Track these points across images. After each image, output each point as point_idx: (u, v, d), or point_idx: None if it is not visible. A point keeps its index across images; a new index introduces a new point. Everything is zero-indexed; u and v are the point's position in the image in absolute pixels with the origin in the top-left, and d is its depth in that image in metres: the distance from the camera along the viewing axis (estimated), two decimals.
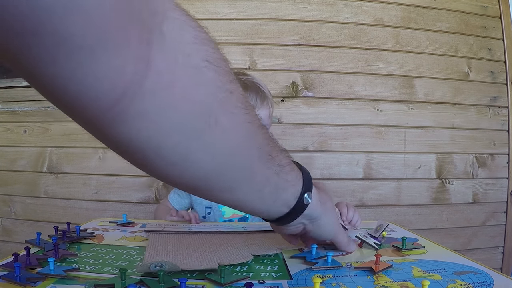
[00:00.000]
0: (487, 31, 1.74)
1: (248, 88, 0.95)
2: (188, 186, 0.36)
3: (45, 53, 0.20)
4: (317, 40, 1.63)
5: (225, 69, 0.32)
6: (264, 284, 0.47)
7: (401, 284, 0.46)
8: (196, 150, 0.31)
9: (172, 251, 0.59)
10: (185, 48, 0.28)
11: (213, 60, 0.30)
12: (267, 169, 0.39)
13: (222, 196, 0.39)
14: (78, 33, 0.20)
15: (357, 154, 1.65)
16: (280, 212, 0.46)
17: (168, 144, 0.29)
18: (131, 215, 1.11)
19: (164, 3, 0.27)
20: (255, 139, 0.36)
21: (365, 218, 1.62)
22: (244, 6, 1.62)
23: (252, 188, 0.39)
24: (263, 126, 0.38)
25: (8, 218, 1.68)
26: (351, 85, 1.65)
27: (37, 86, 0.24)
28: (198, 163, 0.32)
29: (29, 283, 0.44)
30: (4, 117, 1.67)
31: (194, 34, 0.29)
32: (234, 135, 0.34)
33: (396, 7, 1.67)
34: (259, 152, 0.37)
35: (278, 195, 0.43)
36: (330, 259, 0.53)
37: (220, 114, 0.31)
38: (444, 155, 1.70)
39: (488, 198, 1.74)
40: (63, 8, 0.19)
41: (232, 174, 0.36)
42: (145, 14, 0.24)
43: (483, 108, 1.73)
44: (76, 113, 0.26)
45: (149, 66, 0.25)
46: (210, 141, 0.32)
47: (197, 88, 0.29)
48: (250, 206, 0.42)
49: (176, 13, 0.28)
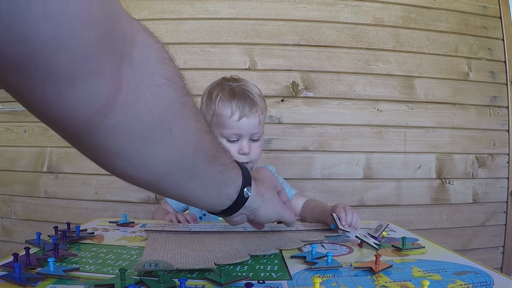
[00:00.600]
0: (487, 31, 1.74)
1: (236, 96, 0.95)
2: (143, 184, 0.42)
3: (35, 83, 0.25)
4: (317, 40, 1.63)
5: (180, 85, 0.37)
6: (264, 284, 0.47)
7: (401, 284, 0.46)
8: (153, 154, 0.36)
9: (170, 250, 0.59)
10: (149, 68, 0.33)
11: (171, 78, 0.35)
12: (211, 168, 0.45)
13: (170, 191, 0.45)
14: (62, 67, 0.25)
15: (357, 154, 1.65)
16: (223, 205, 0.51)
17: (130, 149, 0.35)
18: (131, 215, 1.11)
19: (133, 27, 0.32)
20: (203, 143, 0.42)
21: (365, 218, 1.62)
22: (244, 6, 1.62)
23: (197, 184, 0.45)
24: (211, 131, 0.45)
25: (8, 218, 1.68)
26: (351, 85, 1.65)
27: (27, 107, 0.28)
28: (154, 165, 0.38)
29: (29, 283, 0.44)
30: (4, 117, 1.67)
31: (157, 55, 0.34)
32: (184, 141, 0.39)
33: (396, 7, 1.67)
34: (205, 154, 0.43)
35: (221, 190, 0.48)
36: (330, 259, 0.53)
37: (173, 123, 0.36)
38: (444, 155, 1.70)
39: (488, 198, 1.74)
40: (52, 49, 0.23)
41: (180, 173, 0.42)
42: (118, 43, 0.29)
43: (483, 108, 1.73)
44: (58, 128, 0.31)
45: (120, 87, 0.30)
46: (164, 147, 0.37)
47: (158, 102, 0.34)
48: (195, 200, 0.48)
49: (142, 36, 0.33)
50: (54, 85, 0.25)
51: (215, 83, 1.04)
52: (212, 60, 1.60)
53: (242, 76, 1.09)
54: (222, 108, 0.95)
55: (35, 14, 0.21)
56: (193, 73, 1.60)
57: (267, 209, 0.56)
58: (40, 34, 0.22)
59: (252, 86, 1.01)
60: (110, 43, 0.28)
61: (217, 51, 1.61)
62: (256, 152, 0.99)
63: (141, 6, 1.61)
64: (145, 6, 1.61)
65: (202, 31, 1.61)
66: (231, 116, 0.94)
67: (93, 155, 0.36)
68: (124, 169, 0.37)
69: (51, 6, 0.22)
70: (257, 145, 1.00)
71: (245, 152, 0.97)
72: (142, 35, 0.33)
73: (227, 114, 0.94)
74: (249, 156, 0.98)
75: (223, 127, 0.96)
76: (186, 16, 1.61)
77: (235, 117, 0.94)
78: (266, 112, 1.02)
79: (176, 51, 1.61)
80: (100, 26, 0.26)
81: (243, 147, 0.96)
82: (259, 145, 1.00)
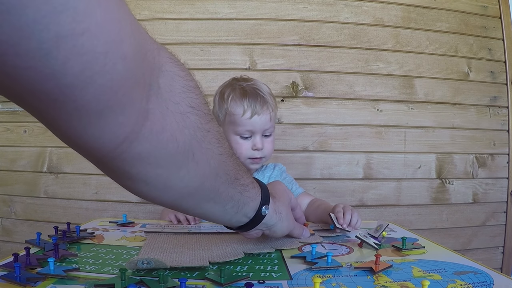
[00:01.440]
0: (487, 31, 1.74)
1: (247, 95, 0.98)
2: (164, 204, 0.44)
3: (64, 115, 0.25)
4: (317, 40, 1.63)
5: (204, 112, 0.38)
6: (264, 284, 0.47)
7: (401, 284, 0.46)
8: (175, 179, 0.37)
9: (167, 249, 0.59)
10: (175, 97, 0.33)
11: (195, 105, 0.36)
12: (232, 189, 0.46)
13: (191, 211, 0.47)
14: (92, 101, 0.25)
15: (357, 154, 1.65)
16: (240, 222, 0.53)
17: (154, 174, 0.35)
18: (131, 215, 1.12)
19: (160, 57, 0.32)
20: (224, 166, 0.43)
21: (365, 218, 1.62)
22: (244, 6, 1.62)
23: (217, 204, 0.46)
24: (233, 153, 0.46)
25: (8, 218, 1.68)
26: (351, 85, 1.65)
27: (54, 133, 0.29)
28: (175, 189, 0.39)
29: (29, 283, 0.44)
30: (4, 117, 1.67)
31: (182, 84, 0.35)
32: (206, 166, 0.40)
33: (396, 7, 1.67)
34: (226, 177, 0.44)
35: (239, 209, 0.49)
36: (330, 259, 0.53)
37: (197, 150, 0.37)
38: (444, 155, 1.70)
39: (488, 198, 1.74)
40: (82, 84, 0.23)
41: (201, 195, 0.43)
42: (147, 75, 0.29)
43: (483, 108, 1.73)
44: (84, 153, 0.32)
45: (147, 116, 0.30)
46: (187, 172, 0.38)
47: (182, 131, 0.34)
48: (213, 217, 0.50)
49: (170, 65, 0.34)
50: (81, 117, 0.26)
51: (226, 83, 1.07)
52: (212, 60, 1.61)
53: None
54: (234, 107, 0.98)
55: (65, 52, 0.21)
56: (193, 73, 1.60)
57: (282, 225, 0.58)
58: (69, 71, 0.22)
59: (262, 84, 1.05)
60: (140, 76, 0.28)
61: (217, 51, 1.61)
62: (269, 147, 1.03)
63: (141, 6, 1.61)
64: (145, 6, 1.61)
65: (202, 31, 1.61)
66: (243, 114, 0.97)
67: (116, 178, 0.36)
68: (146, 192, 0.38)
69: (82, 44, 0.21)
70: (269, 140, 1.04)
71: (258, 148, 1.00)
72: (169, 64, 0.34)
73: (239, 112, 0.98)
74: (263, 151, 1.01)
75: (236, 125, 0.99)
76: (186, 16, 1.61)
77: (247, 115, 0.97)
78: (276, 109, 1.06)
79: (176, 51, 1.57)
80: (130, 61, 0.26)
81: (256, 143, 1.00)
82: (271, 140, 1.04)
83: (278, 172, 1.13)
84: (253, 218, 0.52)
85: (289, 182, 1.11)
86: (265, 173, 1.11)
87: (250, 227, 0.54)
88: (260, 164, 1.07)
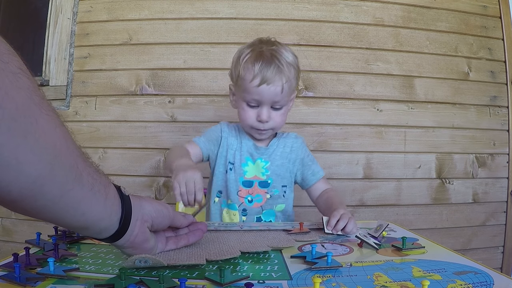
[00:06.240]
0: (487, 31, 1.74)
1: (261, 60, 0.90)
2: (16, 198, 0.36)
3: None
4: (317, 40, 1.63)
5: (33, 78, 0.36)
6: (264, 284, 0.47)
7: (401, 284, 0.46)
8: (24, 149, 0.34)
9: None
10: (3, 56, 0.32)
11: (24, 69, 0.35)
12: (89, 167, 0.43)
13: (60, 200, 0.39)
14: None
15: (357, 154, 1.65)
16: (116, 208, 0.47)
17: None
18: None
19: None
20: (72, 140, 0.40)
21: (365, 218, 1.63)
22: (244, 6, 1.62)
23: (84, 186, 0.41)
24: (71, 132, 0.41)
25: (8, 218, 1.68)
26: (351, 85, 1.65)
27: None
28: (29, 164, 0.34)
29: (29, 283, 0.44)
30: None
31: (7, 47, 0.34)
32: (53, 135, 0.37)
33: (396, 7, 1.67)
34: (79, 152, 0.41)
35: (107, 192, 0.45)
36: (330, 259, 0.53)
37: (38, 115, 0.35)
38: (444, 155, 1.70)
39: (488, 198, 1.74)
40: None
41: (63, 173, 0.38)
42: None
43: (483, 108, 1.73)
44: None
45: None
46: (34, 141, 0.34)
47: (18, 91, 0.33)
48: (87, 205, 0.43)
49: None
50: None
51: (250, 42, 0.98)
52: (212, 60, 1.60)
53: None
54: (245, 71, 0.91)
55: None
56: (193, 73, 1.60)
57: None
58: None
59: (286, 52, 0.94)
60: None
61: (217, 51, 1.61)
62: (277, 120, 0.95)
63: (141, 6, 1.61)
64: (145, 6, 1.61)
65: (202, 31, 1.61)
66: (252, 81, 0.90)
67: None
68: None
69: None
70: (279, 113, 0.95)
71: (262, 120, 0.93)
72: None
73: (248, 78, 0.90)
74: (269, 124, 0.94)
75: (244, 91, 0.92)
76: (186, 16, 1.61)
77: (255, 82, 0.89)
78: (294, 81, 0.95)
79: (176, 51, 1.61)
80: None
81: (261, 114, 0.92)
82: (281, 113, 0.95)
83: (299, 144, 1.05)
84: (123, 198, 0.48)
85: (312, 160, 1.05)
86: (287, 141, 1.04)
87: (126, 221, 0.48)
88: (265, 135, 0.99)
